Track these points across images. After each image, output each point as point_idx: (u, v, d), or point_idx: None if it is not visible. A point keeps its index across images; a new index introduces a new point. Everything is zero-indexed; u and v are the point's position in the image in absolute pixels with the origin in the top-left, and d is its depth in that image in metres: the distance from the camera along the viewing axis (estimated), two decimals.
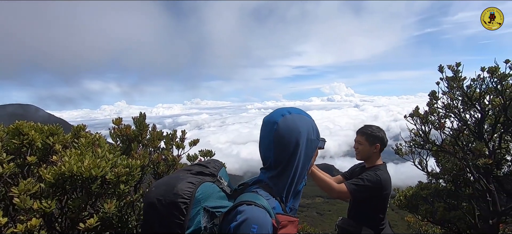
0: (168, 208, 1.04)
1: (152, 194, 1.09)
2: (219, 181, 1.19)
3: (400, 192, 4.74)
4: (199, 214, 1.06)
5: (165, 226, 1.05)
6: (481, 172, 3.44)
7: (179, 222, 1.04)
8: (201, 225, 1.05)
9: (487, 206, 3.41)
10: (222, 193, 1.16)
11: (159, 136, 2.55)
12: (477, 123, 3.66)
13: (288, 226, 1.05)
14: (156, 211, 1.06)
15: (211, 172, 1.20)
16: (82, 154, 1.65)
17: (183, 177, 1.11)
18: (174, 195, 1.05)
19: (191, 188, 1.07)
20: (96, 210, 1.73)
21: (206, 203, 1.08)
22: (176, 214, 1.04)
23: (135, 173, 1.97)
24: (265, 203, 1.04)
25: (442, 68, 3.50)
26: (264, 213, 1.00)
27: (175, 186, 1.07)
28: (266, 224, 0.98)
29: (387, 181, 2.24)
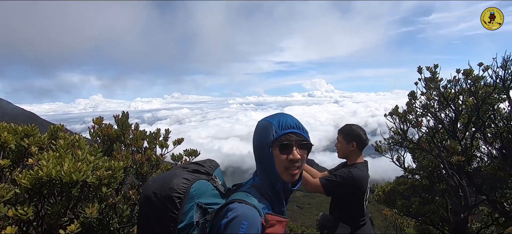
0: (162, 201, 1.09)
1: (149, 188, 1.14)
2: (214, 180, 1.24)
3: (379, 187, 4.91)
4: (192, 209, 1.11)
5: (159, 219, 1.10)
6: (454, 168, 3.63)
7: (172, 215, 1.08)
8: (193, 220, 1.10)
9: (459, 200, 3.61)
10: (215, 191, 1.21)
11: (142, 135, 2.46)
12: (451, 122, 3.85)
13: (276, 226, 1.09)
14: (151, 204, 1.11)
15: (207, 171, 1.25)
16: (61, 157, 1.57)
17: (179, 174, 1.17)
18: (169, 189, 1.10)
19: (186, 184, 1.13)
20: (76, 215, 1.65)
21: (200, 199, 1.14)
22: (170, 207, 1.09)
23: (117, 175, 1.90)
24: (255, 202, 1.08)
25: (420, 69, 3.64)
26: (254, 211, 1.04)
27: (171, 181, 1.12)
28: (255, 221, 1.01)
29: (361, 178, 2.25)
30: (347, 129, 2.41)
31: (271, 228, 1.08)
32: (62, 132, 1.91)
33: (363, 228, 2.38)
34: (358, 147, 2.35)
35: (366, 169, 2.36)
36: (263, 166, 1.19)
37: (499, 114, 3.86)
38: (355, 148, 2.36)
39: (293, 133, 1.18)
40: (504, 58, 3.39)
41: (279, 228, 1.10)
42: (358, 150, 2.37)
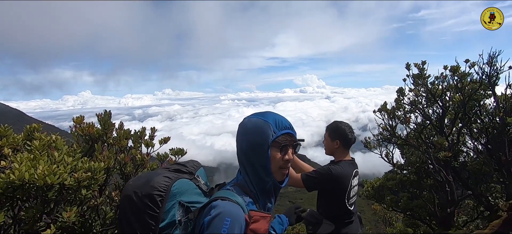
0: (143, 200, 1.08)
1: (129, 187, 1.14)
2: (196, 179, 1.24)
3: (368, 183, 4.95)
4: (174, 207, 1.11)
5: (140, 218, 1.08)
6: (441, 164, 3.67)
7: (154, 214, 1.08)
8: (175, 218, 1.10)
9: (446, 195, 3.66)
10: (198, 190, 1.22)
11: (126, 134, 2.39)
12: (438, 118, 3.89)
13: (260, 221, 1.09)
14: (131, 203, 1.10)
15: (189, 170, 1.25)
16: (35, 159, 1.49)
17: (161, 173, 1.17)
18: (150, 187, 1.09)
19: (167, 182, 1.12)
20: (53, 219, 1.58)
21: (182, 197, 1.14)
22: (151, 206, 1.08)
23: (99, 177, 1.83)
24: (239, 199, 1.09)
25: (409, 66, 3.66)
26: (237, 208, 1.04)
27: (152, 180, 1.12)
28: (239, 218, 1.02)
29: (341, 176, 2.22)
30: (333, 127, 2.39)
31: (255, 224, 1.07)
32: (39, 132, 1.82)
33: (350, 227, 2.36)
34: (342, 145, 2.33)
35: (350, 167, 2.31)
36: (254, 165, 1.17)
37: (485, 110, 3.92)
38: (340, 146, 2.35)
39: (288, 134, 1.19)
40: (490, 54, 3.43)
41: (263, 223, 1.10)
42: (343, 148, 2.34)
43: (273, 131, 1.16)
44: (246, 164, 1.19)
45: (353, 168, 2.35)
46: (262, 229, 1.08)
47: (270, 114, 1.21)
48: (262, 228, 1.08)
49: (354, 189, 2.36)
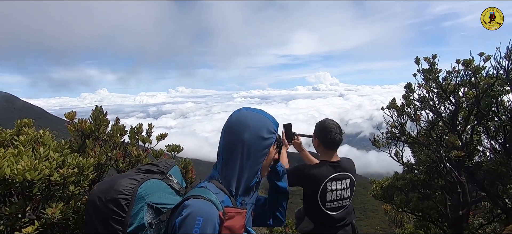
0: (108, 205, 1.04)
1: (93, 192, 1.09)
2: (168, 178, 1.19)
3: (377, 182, 4.78)
4: (142, 210, 1.06)
5: (105, 224, 1.04)
6: (453, 164, 3.48)
7: (119, 218, 1.03)
8: (144, 221, 1.05)
9: (458, 197, 3.47)
10: (170, 189, 1.17)
11: (120, 130, 2.36)
12: (451, 115, 3.69)
13: (235, 217, 1.05)
14: (96, 209, 1.06)
15: (161, 170, 1.20)
16: (19, 154, 1.47)
17: (128, 175, 1.12)
18: (114, 191, 1.05)
19: (133, 184, 1.07)
20: (38, 216, 1.56)
21: (151, 199, 1.08)
22: (117, 211, 1.03)
23: (88, 173, 1.80)
24: (212, 197, 1.05)
25: (418, 60, 3.47)
26: (209, 205, 1.01)
27: (116, 183, 1.07)
28: (211, 216, 0.98)
29: (311, 176, 2.17)
30: (317, 124, 2.30)
31: (230, 220, 1.03)
32: (29, 127, 1.81)
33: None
34: (322, 144, 2.24)
35: (327, 170, 2.20)
36: (248, 160, 1.14)
37: (503, 107, 3.68)
38: (319, 145, 2.26)
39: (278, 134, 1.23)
40: (509, 47, 3.20)
41: (238, 219, 1.06)
42: (324, 148, 2.24)
43: (274, 129, 1.18)
44: (235, 159, 1.15)
45: (332, 171, 2.20)
46: (237, 225, 1.04)
47: (266, 113, 1.21)
48: (237, 224, 1.04)
49: (336, 193, 2.20)
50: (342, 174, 2.22)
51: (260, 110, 1.22)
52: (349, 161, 2.35)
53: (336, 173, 2.21)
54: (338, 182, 2.21)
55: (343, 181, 2.22)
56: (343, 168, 2.23)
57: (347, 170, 2.24)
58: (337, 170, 2.21)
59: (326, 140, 2.19)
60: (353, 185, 2.29)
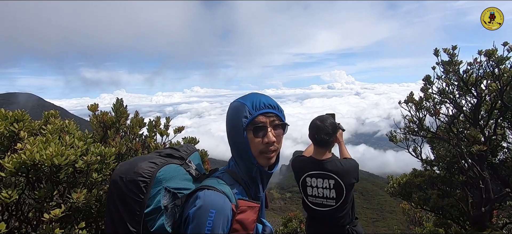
0: (128, 185, 1.08)
1: (116, 172, 1.14)
2: (188, 164, 1.22)
3: (394, 179, 4.68)
4: (159, 193, 1.09)
5: (125, 203, 1.08)
6: (475, 159, 3.36)
7: (138, 200, 1.07)
8: (161, 204, 1.08)
9: (480, 193, 3.35)
10: (188, 175, 1.19)
11: (139, 123, 2.45)
12: (473, 109, 3.56)
13: (247, 211, 1.06)
14: (117, 188, 1.10)
15: (181, 155, 1.23)
16: (47, 141, 1.56)
17: (149, 158, 1.15)
18: (134, 173, 1.08)
19: (152, 168, 1.10)
20: (65, 200, 1.65)
21: (168, 183, 1.11)
22: (136, 192, 1.07)
23: (109, 161, 1.89)
24: (226, 189, 1.06)
25: (437, 52, 3.37)
26: (223, 198, 1.02)
27: (137, 165, 1.10)
28: (224, 208, 1.00)
29: (294, 168, 2.44)
30: (311, 121, 2.39)
31: (242, 214, 1.04)
32: (55, 118, 1.92)
33: (311, 225, 2.46)
34: (312, 141, 2.35)
35: (309, 165, 2.33)
36: (238, 151, 1.16)
37: None
38: (312, 141, 2.39)
39: (267, 114, 1.12)
40: None
41: (250, 213, 1.06)
42: (314, 145, 2.37)
43: (249, 112, 1.11)
44: (232, 150, 1.19)
45: (313, 167, 2.31)
46: (249, 219, 1.05)
47: (250, 95, 1.17)
48: (249, 218, 1.05)
49: (317, 190, 2.31)
50: (323, 174, 2.28)
51: (246, 95, 1.17)
52: (345, 164, 2.30)
53: (316, 171, 2.30)
54: (318, 179, 2.30)
55: (325, 180, 2.28)
56: (326, 168, 2.28)
57: (332, 171, 2.26)
58: (318, 168, 2.30)
59: (314, 139, 2.29)
60: (341, 188, 2.27)
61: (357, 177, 2.28)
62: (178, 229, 1.08)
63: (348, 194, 2.27)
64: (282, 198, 67.71)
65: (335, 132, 2.31)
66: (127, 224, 1.06)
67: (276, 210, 59.56)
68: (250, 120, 1.10)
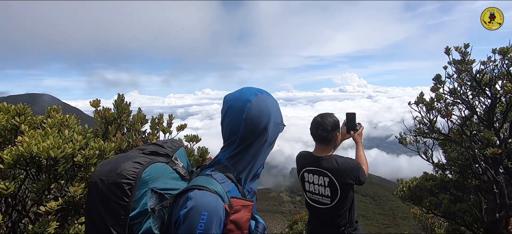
0: (110, 188, 0.99)
1: (95, 173, 1.04)
2: (174, 162, 1.14)
3: (404, 183, 4.54)
4: (146, 195, 1.01)
5: (108, 207, 0.99)
6: (489, 162, 3.21)
7: (122, 203, 0.99)
8: (147, 207, 1.01)
9: (494, 198, 3.20)
10: (175, 174, 1.12)
11: (141, 119, 2.46)
12: (487, 110, 3.41)
13: (241, 211, 1.01)
14: (98, 191, 1.00)
15: (166, 152, 1.15)
16: (46, 134, 1.58)
17: (132, 157, 1.06)
18: (117, 175, 1.00)
19: (137, 168, 1.02)
20: (62, 194, 1.66)
21: (155, 184, 1.04)
22: (119, 195, 0.99)
23: (109, 156, 1.89)
24: (218, 188, 1.01)
25: (448, 50, 3.25)
26: (215, 198, 0.96)
27: (119, 166, 1.01)
28: (217, 210, 0.95)
29: (296, 160, 2.49)
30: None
31: (236, 214, 1.00)
32: (57, 112, 1.94)
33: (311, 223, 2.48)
34: (310, 134, 2.37)
35: (307, 160, 2.40)
36: (267, 147, 1.15)
37: None
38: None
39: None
40: None
41: (244, 213, 1.02)
42: (312, 138, 2.38)
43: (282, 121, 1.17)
44: (256, 146, 1.11)
45: (310, 163, 2.34)
46: (243, 218, 1.01)
47: (274, 100, 1.18)
48: (243, 217, 1.01)
49: (314, 186, 2.33)
50: (319, 170, 2.30)
51: (266, 91, 1.16)
52: (342, 163, 2.26)
53: (313, 167, 2.33)
54: (314, 176, 2.32)
55: (321, 177, 2.29)
56: (321, 165, 2.29)
57: (327, 169, 2.26)
58: (314, 165, 2.32)
59: (312, 134, 2.32)
60: (335, 187, 2.24)
61: (355, 179, 2.23)
62: (167, 231, 1.02)
63: (344, 194, 2.23)
64: (292, 201, 67.19)
65: (335, 130, 2.29)
66: (110, 229, 0.99)
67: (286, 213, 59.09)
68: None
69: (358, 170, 2.26)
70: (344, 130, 2.58)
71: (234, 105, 1.11)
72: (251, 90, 1.14)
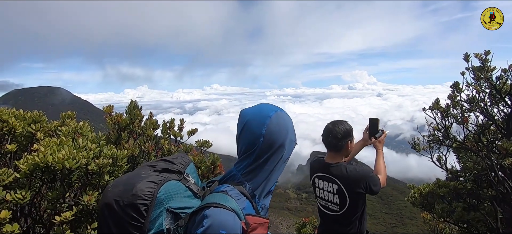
0: (126, 209, 0.96)
1: (109, 194, 1.00)
2: (186, 179, 1.11)
3: (415, 189, 4.45)
4: (161, 215, 0.99)
5: (123, 229, 0.97)
6: (506, 173, 3.11)
7: (138, 224, 0.96)
8: (163, 227, 0.98)
9: (511, 209, 3.10)
10: (188, 192, 1.09)
11: (153, 125, 2.46)
12: (506, 119, 3.30)
13: (258, 229, 1.01)
14: (113, 213, 0.98)
15: (178, 169, 1.12)
16: (61, 143, 1.59)
17: (145, 176, 1.03)
18: (132, 196, 0.97)
19: (152, 188, 0.99)
20: (76, 202, 1.67)
21: (170, 203, 1.01)
22: (135, 216, 0.96)
23: (122, 164, 1.90)
24: (234, 205, 0.99)
25: (468, 57, 3.14)
26: (232, 216, 0.95)
27: (134, 186, 0.98)
28: (235, 228, 0.93)
29: (310, 165, 2.49)
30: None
31: (253, 232, 0.98)
32: (72, 119, 1.95)
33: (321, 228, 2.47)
34: (322, 141, 2.37)
35: (318, 166, 2.39)
36: (282, 163, 1.13)
37: None
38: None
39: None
40: None
41: (261, 230, 1.01)
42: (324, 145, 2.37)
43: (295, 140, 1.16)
44: (272, 162, 1.09)
45: (321, 169, 2.34)
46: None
47: (289, 119, 1.17)
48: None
49: (324, 193, 2.33)
50: (328, 177, 2.30)
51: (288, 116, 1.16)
52: (351, 172, 2.22)
53: (323, 173, 2.32)
54: (324, 182, 2.32)
55: (330, 184, 2.29)
56: (331, 172, 2.28)
57: (336, 176, 2.25)
58: (324, 171, 2.31)
59: (323, 141, 2.31)
60: (344, 195, 2.22)
61: (366, 188, 2.19)
62: None
63: (353, 202, 2.21)
64: (298, 198, 67.18)
65: (346, 138, 2.25)
66: None
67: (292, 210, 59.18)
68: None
69: (368, 179, 2.21)
70: (366, 135, 2.56)
71: (253, 120, 1.09)
72: (270, 107, 1.14)
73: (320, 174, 2.36)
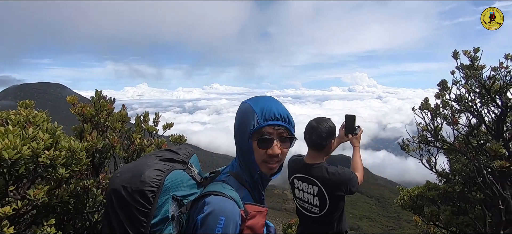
0: (134, 195, 1.01)
1: (117, 181, 1.05)
2: (190, 168, 1.16)
3: (405, 191, 4.34)
4: (167, 202, 1.04)
5: (130, 214, 1.01)
6: (495, 175, 3.00)
7: (145, 210, 1.01)
8: (168, 214, 1.04)
9: (500, 213, 2.99)
10: (192, 181, 1.14)
11: (122, 117, 2.35)
12: (496, 120, 3.19)
13: (257, 216, 1.05)
14: (120, 199, 1.02)
15: (182, 159, 1.17)
16: (6, 132, 1.47)
17: (151, 164, 1.08)
18: (141, 182, 1.01)
19: (159, 175, 1.04)
20: (22, 196, 1.56)
21: (175, 191, 1.07)
22: (143, 202, 1.01)
23: (80, 157, 1.78)
24: (233, 194, 1.04)
25: (456, 54, 3.03)
26: (232, 204, 0.99)
27: (142, 174, 1.03)
28: (233, 215, 0.97)
29: (288, 165, 2.38)
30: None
31: (252, 220, 1.03)
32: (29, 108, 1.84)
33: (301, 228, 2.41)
34: (304, 139, 2.26)
35: (297, 166, 2.31)
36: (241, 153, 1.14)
37: None
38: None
39: (276, 125, 1.09)
40: None
41: (259, 218, 1.06)
42: (306, 143, 2.28)
43: (256, 121, 1.08)
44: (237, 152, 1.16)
45: (300, 170, 2.24)
46: (259, 224, 1.05)
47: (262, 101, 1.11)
48: (258, 223, 1.05)
49: (303, 194, 2.23)
50: (308, 178, 2.20)
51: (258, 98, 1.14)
52: (333, 174, 2.12)
53: (303, 174, 2.24)
54: (304, 183, 2.23)
55: (310, 186, 2.20)
56: (311, 173, 2.19)
57: (317, 178, 2.15)
58: (304, 172, 2.22)
59: (306, 139, 2.20)
60: (324, 197, 2.13)
61: (346, 190, 2.12)
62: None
63: (333, 204, 2.15)
64: None
65: (330, 137, 2.16)
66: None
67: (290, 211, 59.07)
68: (257, 129, 1.07)
69: (349, 182, 2.14)
70: (342, 132, 2.47)
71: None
72: (249, 99, 1.17)
73: (300, 175, 2.28)
